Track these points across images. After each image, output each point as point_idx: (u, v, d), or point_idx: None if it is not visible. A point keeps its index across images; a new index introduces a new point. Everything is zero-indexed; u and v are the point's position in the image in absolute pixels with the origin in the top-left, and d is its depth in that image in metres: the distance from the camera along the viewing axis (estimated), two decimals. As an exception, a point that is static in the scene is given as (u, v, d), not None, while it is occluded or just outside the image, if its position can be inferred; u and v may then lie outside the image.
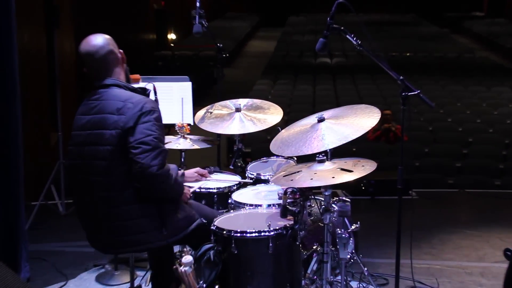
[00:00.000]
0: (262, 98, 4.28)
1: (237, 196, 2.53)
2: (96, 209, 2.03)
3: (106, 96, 2.06)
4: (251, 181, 2.77)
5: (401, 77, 2.26)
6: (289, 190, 2.16)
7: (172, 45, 15.85)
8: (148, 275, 2.91)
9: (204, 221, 2.24)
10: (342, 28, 2.27)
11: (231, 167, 2.90)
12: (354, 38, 2.28)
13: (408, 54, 13.95)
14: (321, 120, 2.26)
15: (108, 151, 1.98)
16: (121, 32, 8.99)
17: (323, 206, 2.18)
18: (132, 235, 2.03)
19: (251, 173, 2.82)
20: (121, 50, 2.15)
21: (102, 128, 2.01)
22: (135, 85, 2.16)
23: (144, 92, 2.16)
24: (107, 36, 2.11)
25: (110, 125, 2.00)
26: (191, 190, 2.48)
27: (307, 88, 10.76)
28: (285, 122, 7.16)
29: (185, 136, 2.97)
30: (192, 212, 2.23)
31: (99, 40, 2.07)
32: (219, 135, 3.25)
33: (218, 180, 2.74)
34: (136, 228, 2.02)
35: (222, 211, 2.51)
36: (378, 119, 2.18)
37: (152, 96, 2.29)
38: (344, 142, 2.10)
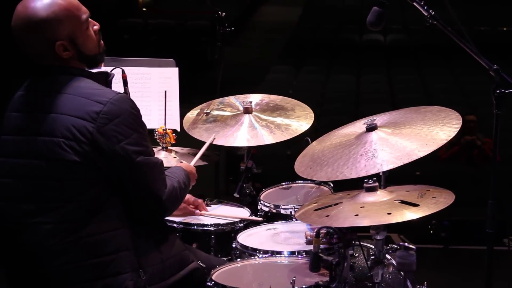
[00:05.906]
0: (278, 92, 4.32)
1: (245, 238, 2.58)
2: (33, 244, 2.05)
3: (58, 86, 2.11)
4: (261, 217, 2.82)
5: (495, 66, 2.27)
6: (323, 231, 2.19)
7: (144, 9, 16.01)
8: None
9: (203, 265, 2.30)
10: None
11: (236, 195, 2.95)
12: (425, 7, 2.29)
13: (505, 29, 13.91)
14: (371, 128, 2.31)
15: (58, 168, 2.03)
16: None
17: (373, 257, 2.21)
18: (100, 278, 2.06)
19: (266, 204, 2.87)
20: None
21: (50, 134, 2.06)
22: (94, 70, 2.23)
23: (105, 77, 2.24)
24: None
25: (66, 131, 2.04)
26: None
27: (348, 79, 10.80)
28: (314, 130, 7.18)
29: (169, 148, 3.05)
30: (184, 249, 2.30)
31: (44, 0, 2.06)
32: (219, 147, 3.29)
33: (216, 215, 2.79)
34: (103, 268, 2.05)
35: (223, 259, 2.57)
36: (458, 129, 2.22)
37: (116, 86, 2.35)
38: (406, 162, 2.13)
